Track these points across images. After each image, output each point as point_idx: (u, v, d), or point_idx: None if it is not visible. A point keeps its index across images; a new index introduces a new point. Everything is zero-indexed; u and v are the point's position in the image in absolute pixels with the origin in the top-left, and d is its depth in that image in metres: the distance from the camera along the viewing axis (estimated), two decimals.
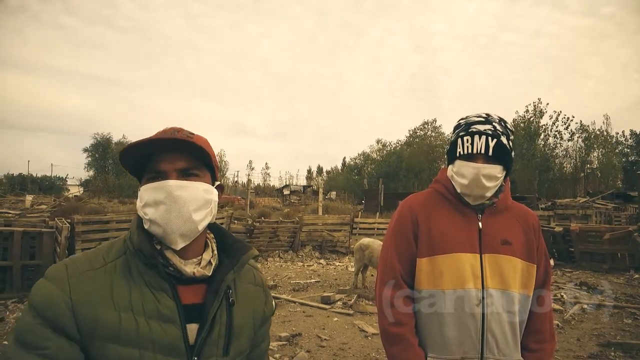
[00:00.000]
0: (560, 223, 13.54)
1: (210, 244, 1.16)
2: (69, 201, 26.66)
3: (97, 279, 0.99)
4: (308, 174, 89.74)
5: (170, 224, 1.01)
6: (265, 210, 24.18)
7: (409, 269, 1.63)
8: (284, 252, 12.62)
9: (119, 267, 1.02)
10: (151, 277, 1.02)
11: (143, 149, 1.03)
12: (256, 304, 1.21)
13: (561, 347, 5.33)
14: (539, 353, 1.61)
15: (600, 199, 23.47)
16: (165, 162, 1.04)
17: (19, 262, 7.22)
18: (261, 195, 47.98)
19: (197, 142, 1.04)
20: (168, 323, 0.99)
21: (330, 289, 8.50)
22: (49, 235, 7.52)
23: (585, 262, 10.93)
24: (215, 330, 1.05)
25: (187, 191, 1.03)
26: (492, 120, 1.60)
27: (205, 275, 1.08)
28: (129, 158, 1.04)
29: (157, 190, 1.02)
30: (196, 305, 1.05)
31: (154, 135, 1.06)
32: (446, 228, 1.60)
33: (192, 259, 1.09)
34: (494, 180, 1.56)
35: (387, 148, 59.00)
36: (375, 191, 30.96)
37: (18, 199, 30.97)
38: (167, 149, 1.04)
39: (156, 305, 0.99)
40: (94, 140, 54.03)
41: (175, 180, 1.03)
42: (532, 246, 1.63)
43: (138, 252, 1.03)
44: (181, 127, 1.10)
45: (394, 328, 1.58)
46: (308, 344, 5.45)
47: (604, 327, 6.10)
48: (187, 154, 1.06)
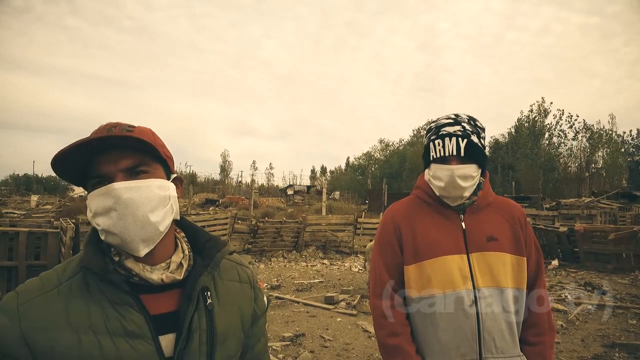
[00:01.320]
0: (564, 223, 13.46)
1: (180, 244, 1.07)
2: (74, 201, 26.78)
3: (49, 303, 0.90)
4: (312, 174, 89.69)
5: (126, 232, 0.92)
6: (269, 210, 24.20)
7: (398, 278, 1.64)
8: (287, 252, 12.64)
9: (75, 286, 0.93)
10: (111, 292, 0.93)
11: (78, 154, 0.93)
12: (243, 302, 1.13)
13: (565, 348, 5.32)
14: (539, 346, 1.59)
15: (605, 199, 23.34)
16: (106, 163, 0.94)
17: (25, 262, 7.25)
18: (265, 195, 47.99)
19: (138, 136, 0.94)
20: (136, 339, 0.91)
21: (334, 289, 8.51)
22: (54, 235, 7.56)
23: (590, 262, 10.88)
24: (195, 338, 0.96)
25: (137, 192, 0.93)
26: (461, 121, 1.61)
27: (176, 280, 0.99)
28: (66, 167, 0.95)
29: (104, 196, 0.92)
30: (170, 314, 0.97)
31: (87, 136, 0.94)
32: (430, 232, 1.61)
33: (160, 264, 1.00)
34: (469, 180, 1.57)
35: (389, 148, 58.97)
36: (379, 191, 30.91)
37: (23, 199, 31.18)
38: (106, 148, 0.94)
39: (120, 322, 0.91)
40: None
41: (121, 182, 0.93)
42: (519, 239, 1.63)
43: (86, 269, 0.94)
44: (118, 122, 0.99)
45: (389, 339, 1.58)
46: (311, 344, 5.46)
47: (609, 328, 6.08)
48: (130, 150, 0.95)
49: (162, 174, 1.02)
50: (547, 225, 12.40)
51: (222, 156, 67.11)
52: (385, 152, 58.93)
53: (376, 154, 60.04)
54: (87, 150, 0.93)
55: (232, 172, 64.08)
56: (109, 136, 0.92)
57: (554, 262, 10.96)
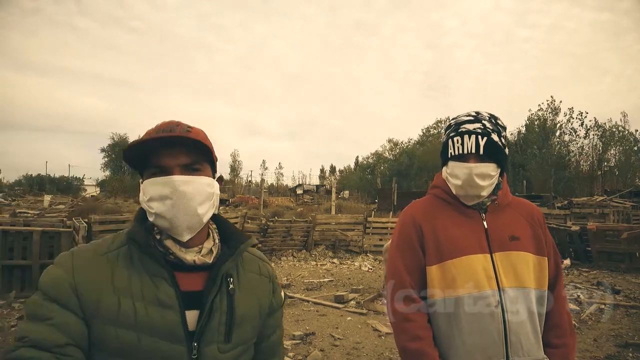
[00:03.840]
0: (577, 222, 13.33)
1: (212, 234, 1.19)
2: (86, 201, 27.07)
3: (99, 265, 1.04)
4: (321, 173, 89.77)
5: (177, 218, 1.05)
6: (279, 209, 24.24)
7: (419, 280, 1.59)
8: (297, 252, 12.65)
9: (122, 255, 1.07)
10: (150, 265, 1.06)
11: (145, 147, 1.07)
12: (261, 293, 1.23)
13: (578, 347, 5.27)
14: (563, 348, 1.57)
15: (617, 197, 23.05)
16: (168, 157, 1.07)
17: (38, 261, 7.35)
18: (274, 195, 48.10)
19: (196, 137, 1.08)
20: (166, 309, 1.03)
21: (344, 288, 8.51)
22: (66, 235, 7.66)
23: (602, 261, 10.76)
24: (216, 317, 1.07)
25: (191, 186, 1.07)
26: (482, 118, 1.57)
27: (206, 263, 1.11)
28: (132, 153, 1.08)
29: (162, 185, 1.05)
30: (197, 293, 1.08)
31: (153, 132, 1.09)
32: (452, 232, 1.57)
33: (194, 248, 1.12)
34: (488, 179, 1.53)
35: (398, 147, 58.77)
36: (389, 190, 30.81)
37: (37, 199, 31.54)
38: (169, 144, 1.07)
39: (155, 292, 1.03)
40: (111, 140, 54.81)
41: (179, 175, 1.06)
42: (540, 239, 1.60)
43: (132, 241, 1.08)
44: (179, 121, 1.13)
45: (412, 344, 1.53)
46: (321, 343, 5.47)
47: (622, 328, 6.01)
48: (188, 148, 1.09)
49: (210, 173, 1.15)
50: (559, 224, 12.28)
51: (232, 156, 67.50)
52: (394, 151, 58.76)
53: (385, 153, 59.92)
54: (154, 144, 1.06)
55: (241, 172, 64.40)
56: (174, 136, 1.06)
57: (566, 262, 10.84)
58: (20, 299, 6.99)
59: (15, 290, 7.21)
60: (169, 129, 1.09)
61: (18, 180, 59.59)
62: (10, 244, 7.32)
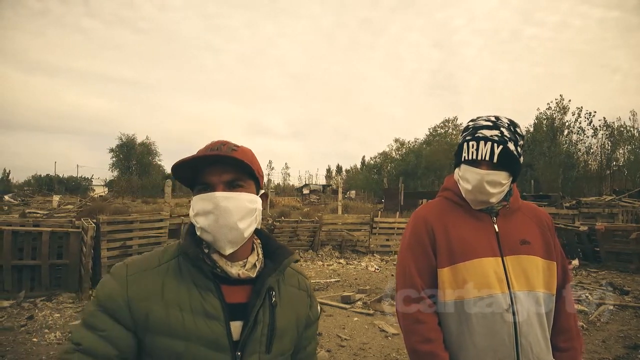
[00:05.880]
0: (585, 222, 13.20)
1: (256, 249, 1.25)
2: (95, 201, 27.27)
3: (150, 278, 1.11)
4: (327, 173, 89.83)
5: (218, 232, 1.11)
6: (285, 209, 24.28)
7: (430, 282, 1.59)
8: (303, 252, 12.66)
9: (171, 268, 1.14)
10: (198, 278, 1.12)
11: (192, 165, 1.15)
12: (300, 307, 1.29)
13: (586, 349, 5.24)
14: (571, 352, 1.59)
15: (627, 197, 22.83)
16: (212, 175, 1.14)
17: (47, 261, 7.42)
18: (281, 195, 48.16)
19: (238, 157, 1.14)
20: (213, 320, 1.09)
21: (350, 289, 8.51)
22: (75, 235, 7.71)
23: (611, 262, 10.65)
24: (258, 328, 1.13)
25: (232, 202, 1.12)
26: (501, 125, 1.56)
27: (249, 277, 1.17)
28: (182, 172, 1.16)
29: (206, 201, 1.12)
30: (241, 305, 1.14)
31: (201, 151, 1.17)
32: (464, 234, 1.57)
33: (238, 262, 1.18)
34: (498, 187, 1.54)
35: (405, 147, 58.61)
36: (395, 190, 30.78)
37: (45, 199, 31.86)
38: (214, 162, 1.14)
39: (202, 303, 1.09)
40: (119, 140, 55.04)
41: (221, 192, 1.13)
42: (549, 244, 1.61)
43: (183, 254, 1.15)
44: (227, 141, 1.20)
45: (423, 346, 1.53)
46: (328, 343, 5.48)
47: (631, 329, 5.96)
48: (232, 166, 1.15)
49: (253, 190, 1.20)
50: (567, 224, 12.18)
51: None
52: (401, 151, 58.62)
53: (392, 153, 59.79)
54: (200, 162, 1.14)
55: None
56: (218, 155, 1.13)
57: (574, 262, 10.77)
58: (29, 299, 7.06)
59: (24, 290, 7.27)
60: (216, 148, 1.16)
61: (27, 180, 60.23)
62: (20, 244, 7.38)
